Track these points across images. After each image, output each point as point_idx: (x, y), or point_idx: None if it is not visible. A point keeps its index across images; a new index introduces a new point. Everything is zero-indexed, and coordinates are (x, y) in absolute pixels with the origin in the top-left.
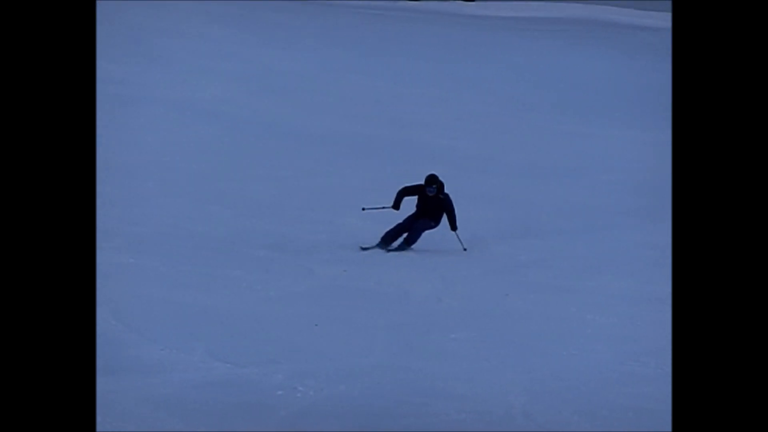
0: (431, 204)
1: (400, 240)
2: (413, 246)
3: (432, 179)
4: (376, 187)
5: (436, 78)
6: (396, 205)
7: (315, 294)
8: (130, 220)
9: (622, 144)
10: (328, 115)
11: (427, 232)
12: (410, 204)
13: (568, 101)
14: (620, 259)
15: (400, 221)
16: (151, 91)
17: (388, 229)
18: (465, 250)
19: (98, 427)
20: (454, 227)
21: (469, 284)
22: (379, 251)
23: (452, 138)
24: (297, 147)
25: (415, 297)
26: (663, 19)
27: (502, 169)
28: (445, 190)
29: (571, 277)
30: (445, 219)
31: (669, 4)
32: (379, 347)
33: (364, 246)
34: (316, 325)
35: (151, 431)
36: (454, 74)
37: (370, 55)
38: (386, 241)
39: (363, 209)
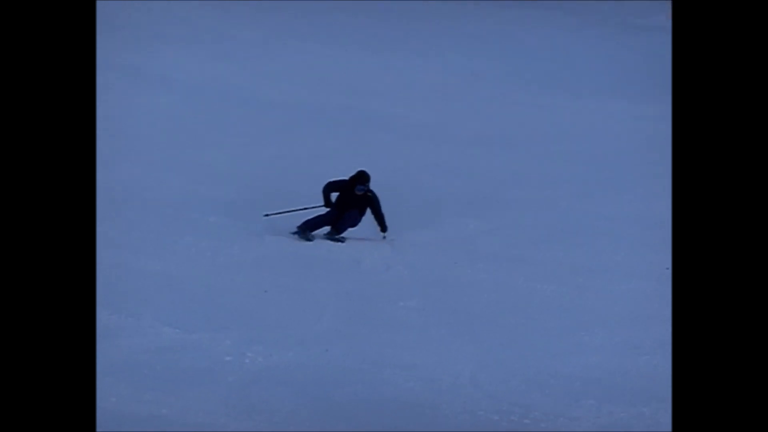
0: (358, 202)
1: (323, 230)
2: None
3: (365, 177)
4: (327, 155)
5: (390, 46)
6: (327, 203)
7: (265, 261)
8: None
9: (574, 115)
10: (281, 82)
11: (350, 229)
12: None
13: (521, 72)
14: (571, 230)
15: (321, 213)
16: (103, 58)
17: (306, 219)
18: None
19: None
20: (384, 228)
21: (418, 253)
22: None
23: (405, 106)
24: (250, 114)
25: (365, 265)
26: None
27: (454, 138)
28: (371, 184)
29: (521, 247)
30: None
31: None
32: (328, 315)
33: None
34: (266, 291)
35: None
36: (408, 43)
37: (323, 24)
38: (305, 230)
39: (265, 215)
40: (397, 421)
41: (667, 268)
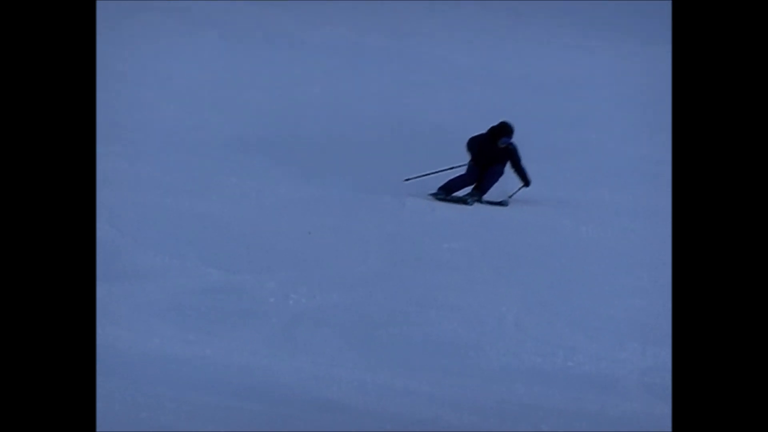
0: (498, 156)
1: (465, 191)
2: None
3: (510, 129)
4: (370, 97)
5: None
6: (476, 160)
7: (310, 203)
8: (126, 127)
9: (618, 58)
10: (323, 24)
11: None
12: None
13: (565, 13)
14: (616, 173)
15: (460, 174)
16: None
17: (446, 181)
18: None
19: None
20: (527, 182)
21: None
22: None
23: (447, 49)
24: (294, 56)
25: (409, 207)
26: None
27: (497, 80)
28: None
29: (566, 189)
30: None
31: None
32: (372, 256)
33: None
34: (310, 233)
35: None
36: None
37: None
38: (447, 191)
39: (406, 180)
40: (440, 361)
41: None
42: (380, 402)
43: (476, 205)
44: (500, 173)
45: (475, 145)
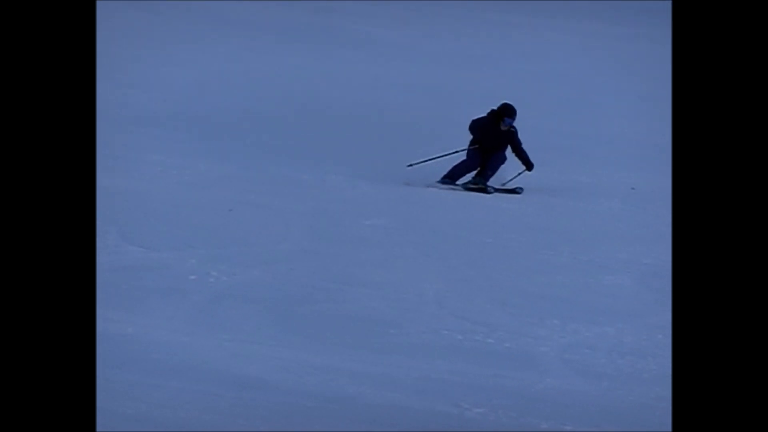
0: (500, 139)
1: (468, 176)
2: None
3: (513, 110)
4: (295, 72)
5: None
6: (478, 141)
7: (230, 180)
8: None
9: (546, 34)
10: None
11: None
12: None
13: None
14: (538, 148)
15: (463, 160)
16: None
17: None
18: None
19: None
20: (530, 166)
21: (384, 172)
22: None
23: (373, 25)
24: (217, 33)
25: (330, 183)
26: None
27: (422, 56)
28: None
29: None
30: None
31: None
32: (293, 233)
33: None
34: (231, 210)
35: None
36: None
37: None
38: (453, 178)
39: (409, 165)
40: (361, 338)
41: (633, 188)
42: (300, 379)
43: (397, 181)
44: (503, 159)
45: (477, 128)
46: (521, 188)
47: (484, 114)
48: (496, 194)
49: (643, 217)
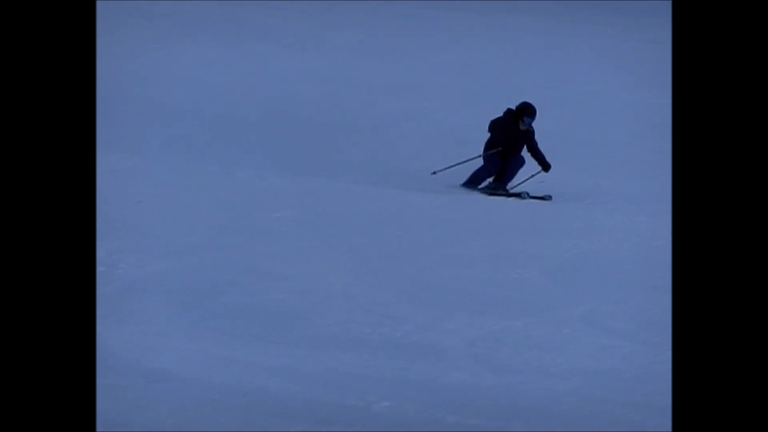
0: (518, 140)
1: (488, 181)
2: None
3: (531, 110)
4: (205, 65)
5: None
6: (500, 143)
7: (139, 171)
8: None
9: (451, 25)
10: None
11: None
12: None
13: None
14: (446, 141)
15: (482, 165)
16: None
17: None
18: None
19: None
20: (547, 167)
21: (294, 164)
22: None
23: (281, 18)
24: (130, 25)
25: (239, 176)
26: None
27: (331, 47)
28: None
29: (396, 159)
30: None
31: None
32: (202, 225)
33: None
34: (140, 201)
35: None
36: None
37: None
38: (476, 182)
39: (433, 173)
40: (268, 331)
41: (542, 182)
42: (208, 371)
43: (307, 173)
44: (522, 161)
45: (499, 129)
46: (550, 196)
47: (501, 114)
48: (404, 187)
49: (551, 211)
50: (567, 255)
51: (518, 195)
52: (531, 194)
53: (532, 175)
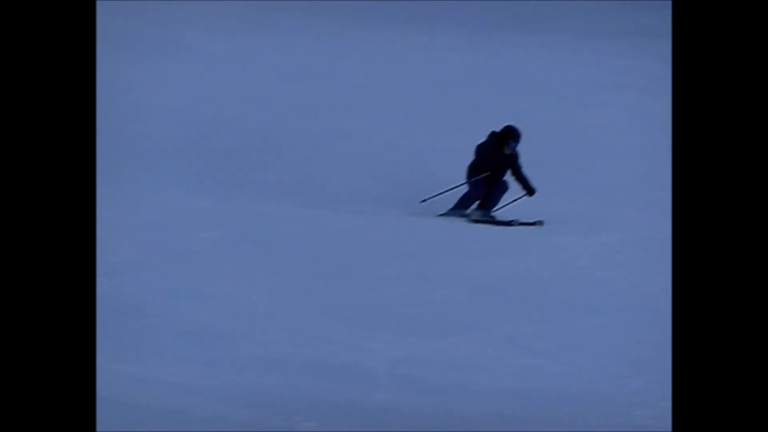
0: (502, 164)
1: (475, 205)
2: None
3: (517, 134)
4: (128, 86)
5: None
6: (488, 167)
7: None
8: None
9: (373, 46)
10: None
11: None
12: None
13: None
14: (368, 158)
15: (466, 191)
16: None
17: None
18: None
19: None
20: (531, 190)
21: (218, 186)
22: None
23: (205, 39)
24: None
25: (163, 196)
26: None
27: (259, 68)
28: None
29: (318, 178)
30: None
31: None
32: (125, 245)
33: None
34: None
35: None
36: None
37: None
38: (463, 207)
39: (422, 201)
40: (192, 351)
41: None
42: (132, 393)
43: (231, 195)
44: (506, 187)
45: (486, 153)
46: (542, 221)
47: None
48: (328, 207)
49: (475, 232)
50: (491, 275)
51: (507, 223)
52: (521, 221)
53: (515, 200)
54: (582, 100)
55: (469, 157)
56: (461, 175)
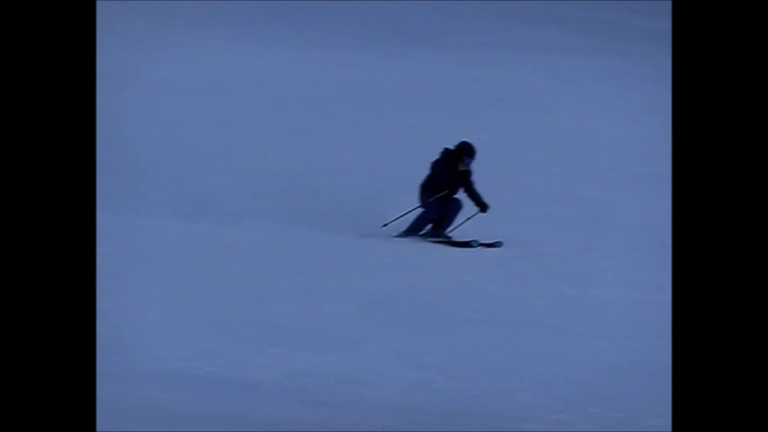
0: (456, 182)
1: (428, 227)
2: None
3: (472, 150)
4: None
5: None
6: (447, 186)
7: None
8: None
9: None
10: None
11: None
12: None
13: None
14: (259, 176)
15: (420, 213)
16: None
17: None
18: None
19: None
20: (485, 207)
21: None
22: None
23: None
24: None
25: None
26: None
27: (146, 84)
28: None
29: (203, 193)
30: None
31: None
32: None
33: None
34: None
35: None
36: None
37: None
38: (416, 230)
39: (384, 225)
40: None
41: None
42: None
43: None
44: (460, 205)
45: (443, 171)
46: (500, 242)
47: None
48: (217, 221)
49: (364, 246)
50: (380, 290)
51: (467, 244)
52: (480, 242)
53: (468, 218)
54: (469, 115)
55: (358, 172)
56: (349, 190)
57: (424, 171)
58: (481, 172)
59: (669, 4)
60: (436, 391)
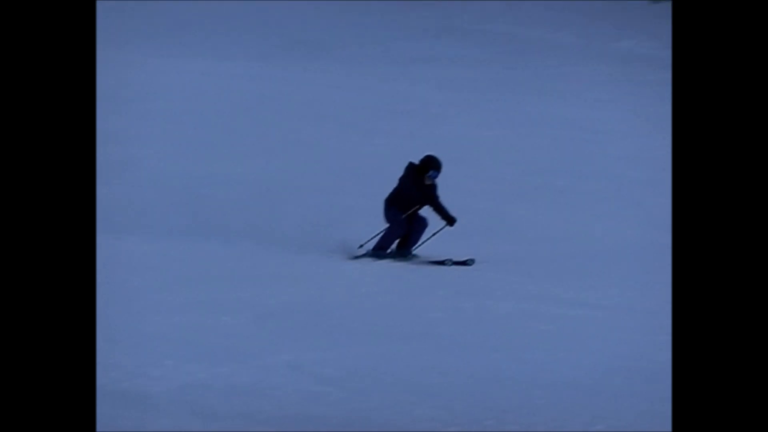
0: (421, 198)
1: (395, 246)
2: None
3: (438, 164)
4: None
5: None
6: (418, 201)
7: None
8: None
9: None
10: None
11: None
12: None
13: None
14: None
15: (386, 230)
16: None
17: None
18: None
19: None
20: (452, 220)
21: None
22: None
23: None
24: None
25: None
26: None
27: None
28: None
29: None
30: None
31: None
32: None
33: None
34: None
35: None
36: None
37: None
38: (384, 248)
39: (360, 246)
40: None
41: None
42: None
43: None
44: (426, 224)
45: (412, 186)
46: (473, 259)
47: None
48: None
49: (259, 258)
50: (275, 302)
51: (441, 263)
52: (454, 260)
53: (434, 233)
54: (364, 127)
55: (252, 184)
56: (245, 203)
57: (321, 182)
58: (374, 185)
59: (564, 16)
60: (333, 403)
